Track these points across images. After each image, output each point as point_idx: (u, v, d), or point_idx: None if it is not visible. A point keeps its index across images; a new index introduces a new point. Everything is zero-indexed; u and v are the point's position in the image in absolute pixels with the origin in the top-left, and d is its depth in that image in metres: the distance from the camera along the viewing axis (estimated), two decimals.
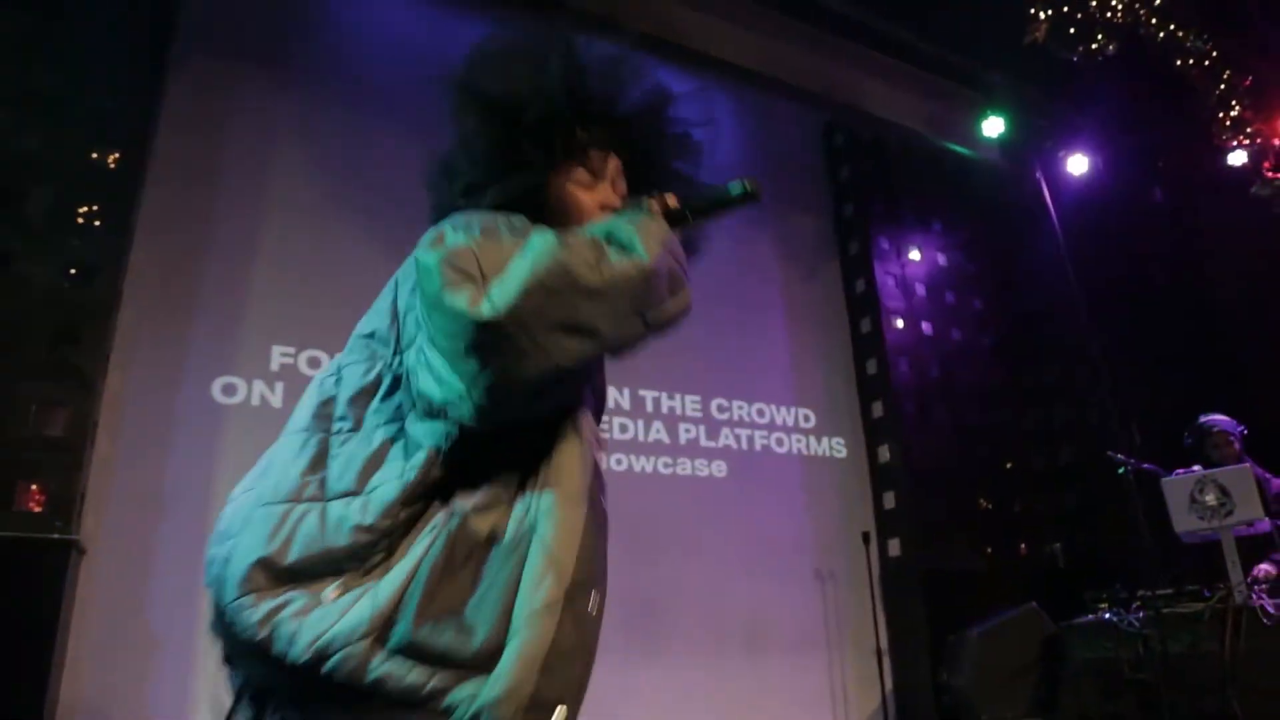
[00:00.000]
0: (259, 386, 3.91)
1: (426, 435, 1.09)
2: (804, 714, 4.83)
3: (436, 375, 1.04)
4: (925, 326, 5.75)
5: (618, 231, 1.12)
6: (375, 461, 1.09)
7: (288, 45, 4.42)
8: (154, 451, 3.62)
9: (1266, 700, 3.43)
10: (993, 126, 5.80)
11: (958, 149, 6.19)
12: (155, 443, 3.63)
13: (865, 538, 4.98)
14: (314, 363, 4.00)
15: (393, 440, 1.11)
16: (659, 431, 4.89)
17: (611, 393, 4.79)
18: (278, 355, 3.98)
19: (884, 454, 5.48)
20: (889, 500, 5.38)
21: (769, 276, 5.59)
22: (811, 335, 5.64)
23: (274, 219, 4.11)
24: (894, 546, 5.28)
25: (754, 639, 4.78)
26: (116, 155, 3.67)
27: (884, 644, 4.93)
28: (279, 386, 3.94)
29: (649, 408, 4.90)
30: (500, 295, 1.00)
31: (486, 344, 1.00)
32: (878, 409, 5.53)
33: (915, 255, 5.90)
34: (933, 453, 5.46)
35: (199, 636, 3.37)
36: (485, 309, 0.99)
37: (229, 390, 3.84)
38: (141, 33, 3.84)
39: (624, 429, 4.77)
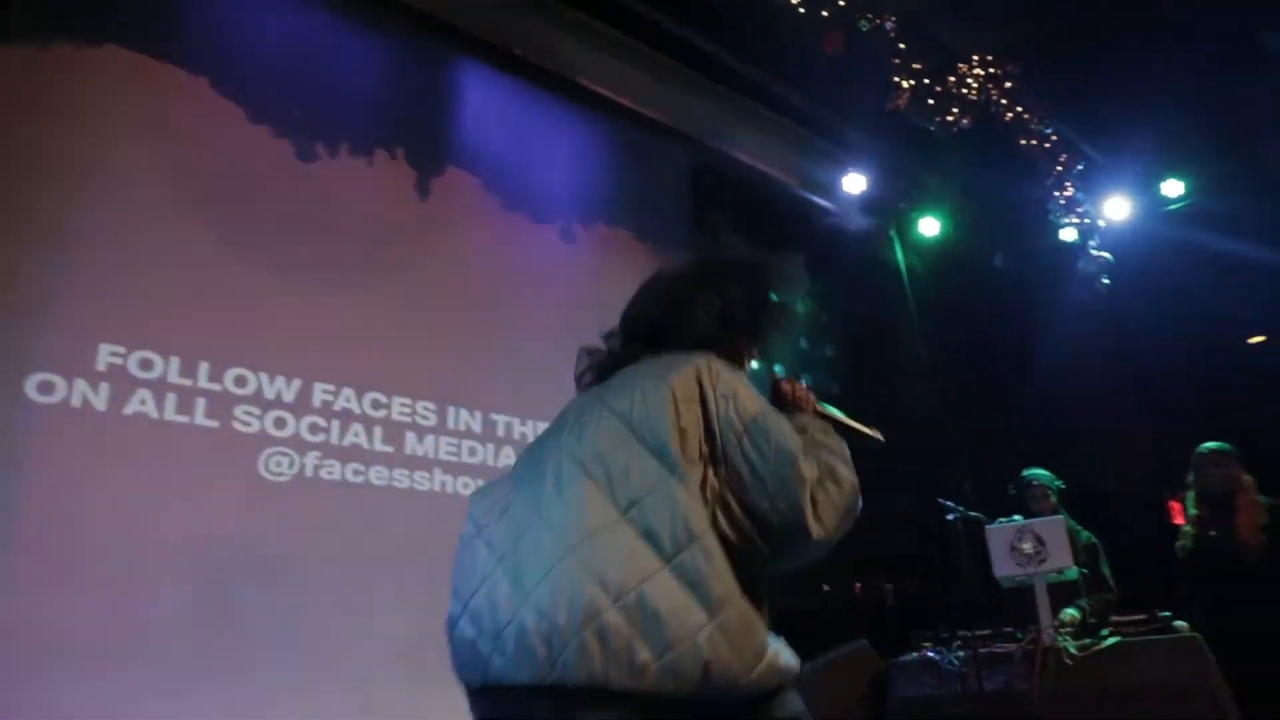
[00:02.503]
0: (81, 386, 3.66)
1: None
2: None
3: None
4: (777, 369, 5.91)
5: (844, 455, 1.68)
6: None
7: (135, 27, 4.14)
8: None
9: None
10: (853, 183, 6.08)
11: (822, 202, 6.43)
12: None
13: None
14: (145, 364, 3.79)
15: None
16: (509, 457, 4.83)
17: (463, 415, 4.72)
18: (105, 354, 3.75)
19: None
20: None
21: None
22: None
23: (106, 209, 3.85)
24: None
25: None
26: None
27: None
28: (104, 388, 3.70)
29: (500, 432, 4.85)
30: (829, 522, 1.53)
31: (807, 545, 1.52)
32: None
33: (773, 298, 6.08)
34: None
35: None
36: (816, 530, 1.50)
37: (45, 388, 3.58)
38: None
39: (473, 453, 4.71)
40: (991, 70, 5.76)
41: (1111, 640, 3.90)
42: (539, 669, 1.40)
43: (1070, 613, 4.29)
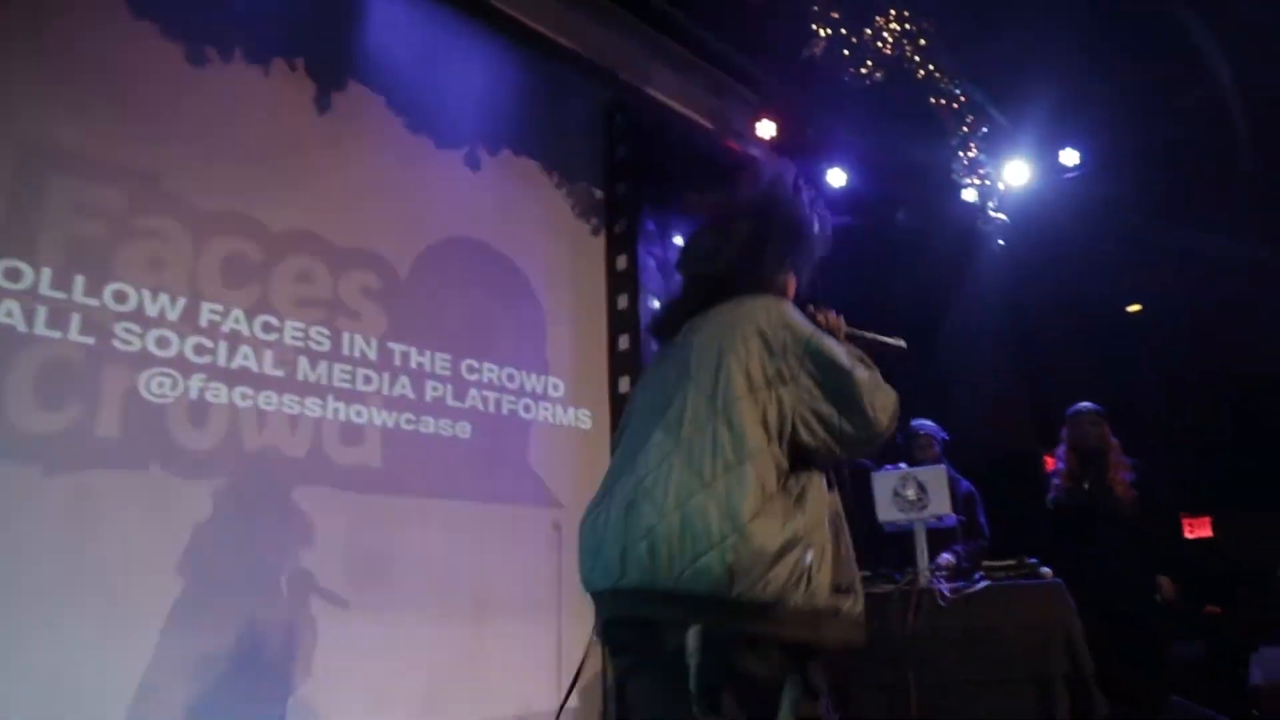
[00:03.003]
0: None
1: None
2: (529, 676, 4.87)
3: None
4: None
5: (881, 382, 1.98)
6: None
7: None
8: None
9: (934, 670, 3.85)
10: (765, 129, 6.07)
11: (733, 146, 6.41)
12: None
13: None
14: (13, 274, 3.54)
15: None
16: (405, 387, 4.74)
17: (358, 343, 4.60)
18: None
19: None
20: None
21: (533, 244, 5.55)
22: (569, 306, 5.67)
23: None
24: None
25: (483, 601, 4.76)
26: None
27: None
28: None
29: (397, 361, 4.75)
30: (885, 423, 1.92)
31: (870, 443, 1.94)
32: (625, 384, 5.65)
33: (679, 240, 6.08)
34: None
35: None
36: (877, 430, 1.91)
37: None
38: None
39: (368, 381, 4.59)
40: (907, 26, 5.78)
41: (982, 584, 4.09)
42: (613, 576, 1.83)
43: (946, 557, 4.48)
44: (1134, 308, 8.42)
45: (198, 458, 3.89)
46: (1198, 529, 8.35)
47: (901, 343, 2.38)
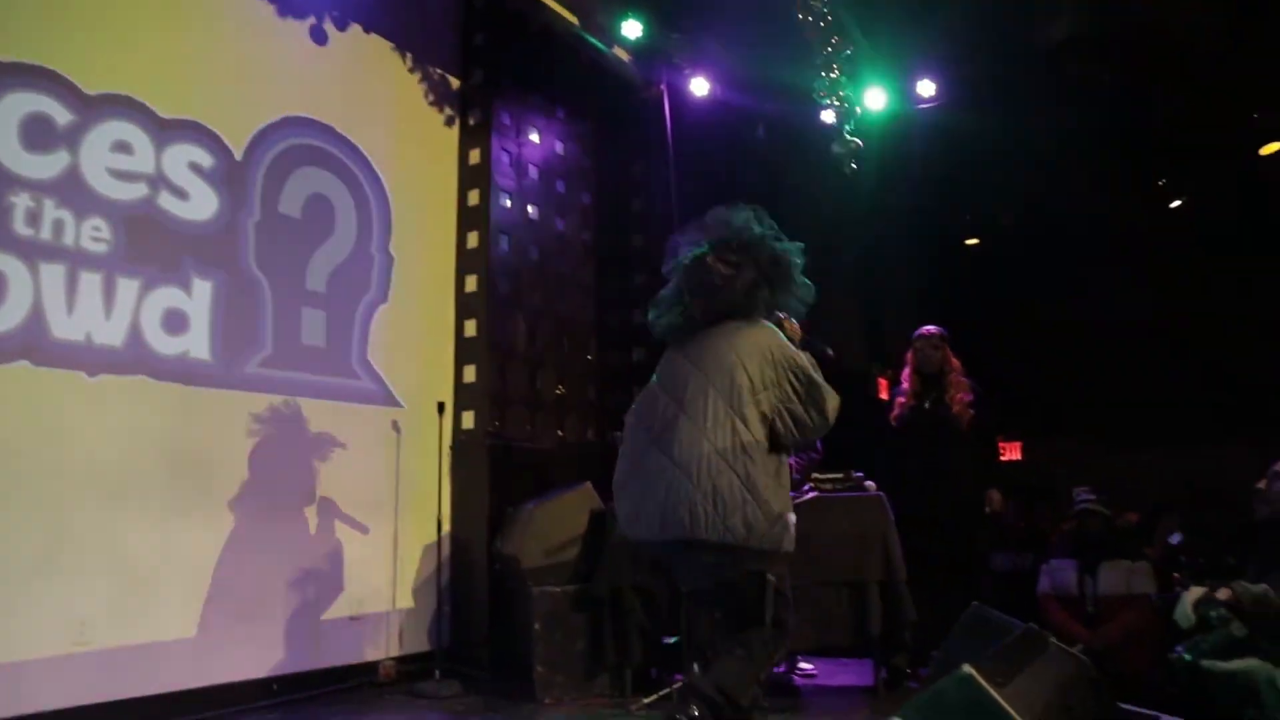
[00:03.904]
0: None
1: None
2: (362, 574, 4.80)
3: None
4: (531, 210, 5.79)
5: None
6: None
7: None
8: None
9: None
10: (631, 29, 5.90)
11: (596, 43, 6.22)
12: None
13: (440, 408, 4.99)
14: None
15: None
16: (237, 274, 4.45)
17: (187, 224, 4.26)
18: None
19: (470, 328, 5.48)
20: (469, 374, 5.42)
21: (381, 130, 5.26)
22: (417, 199, 5.43)
23: None
24: (468, 419, 5.35)
25: (316, 499, 4.62)
26: None
27: (446, 511, 5.02)
28: None
29: (229, 246, 4.43)
30: (831, 419, 2.77)
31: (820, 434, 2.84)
32: (471, 283, 5.51)
33: (535, 137, 5.90)
34: (519, 334, 5.57)
35: None
36: (826, 426, 2.78)
37: None
38: None
39: (198, 266, 4.28)
40: None
41: (810, 495, 4.26)
42: (653, 532, 2.70)
43: None
44: (972, 241, 8.83)
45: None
46: (1010, 452, 9.00)
47: (832, 353, 3.07)
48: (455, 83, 5.73)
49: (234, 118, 4.49)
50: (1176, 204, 7.60)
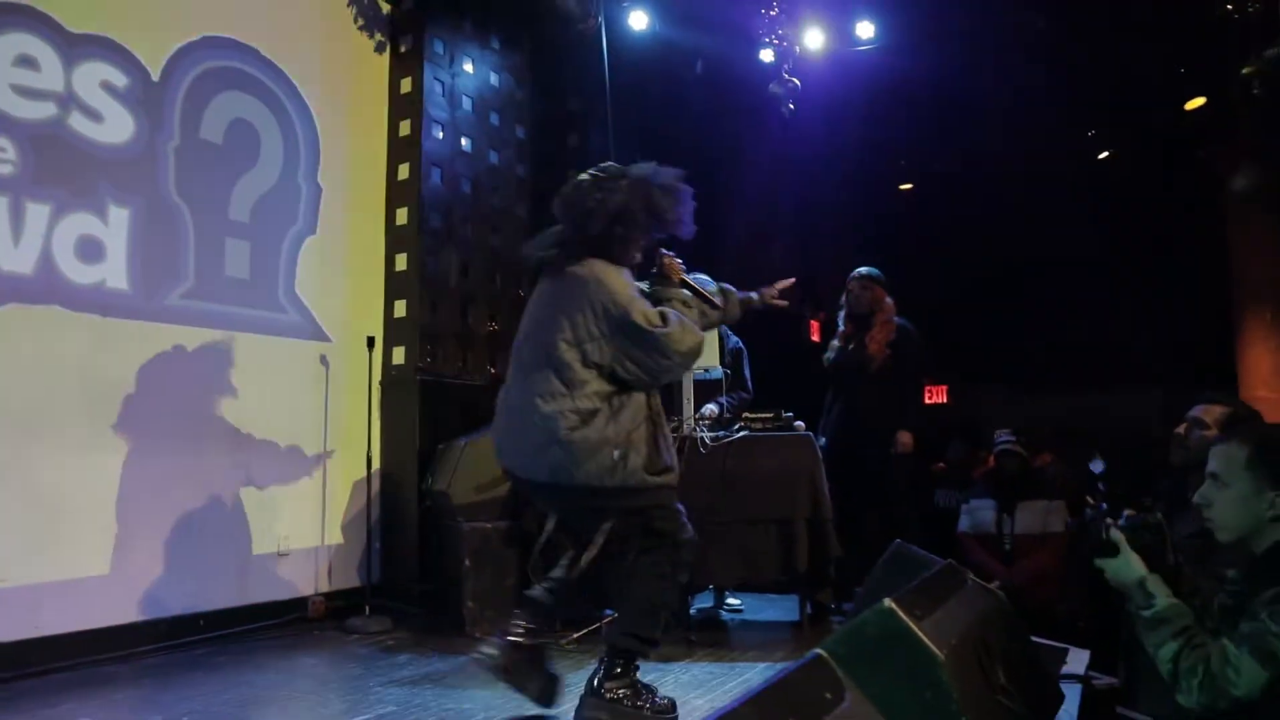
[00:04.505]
0: None
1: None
2: (290, 510, 4.74)
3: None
4: (464, 142, 5.65)
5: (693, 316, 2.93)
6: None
7: None
8: None
9: (690, 510, 3.95)
10: None
11: None
12: None
13: (370, 343, 4.91)
14: None
15: None
16: (155, 200, 4.28)
17: (100, 148, 4.07)
18: None
19: (400, 262, 5.37)
20: (399, 309, 5.32)
21: (308, 54, 5.05)
22: (346, 127, 5.26)
23: None
24: (398, 355, 5.27)
25: (242, 434, 4.52)
26: None
27: (376, 448, 4.97)
28: None
29: (145, 170, 4.25)
30: (681, 360, 2.85)
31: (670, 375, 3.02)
32: (402, 215, 5.38)
33: (469, 67, 5.73)
34: (451, 269, 5.47)
35: None
36: (672, 366, 2.86)
37: None
38: None
39: (114, 192, 4.10)
40: None
41: (741, 434, 4.30)
42: (505, 459, 2.95)
43: (710, 408, 4.67)
44: (906, 186, 8.89)
45: None
46: (936, 395, 9.21)
47: (719, 302, 3.06)
48: (386, 7, 5.53)
49: (149, 35, 4.27)
50: (1104, 155, 7.74)
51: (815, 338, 8.48)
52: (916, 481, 5.33)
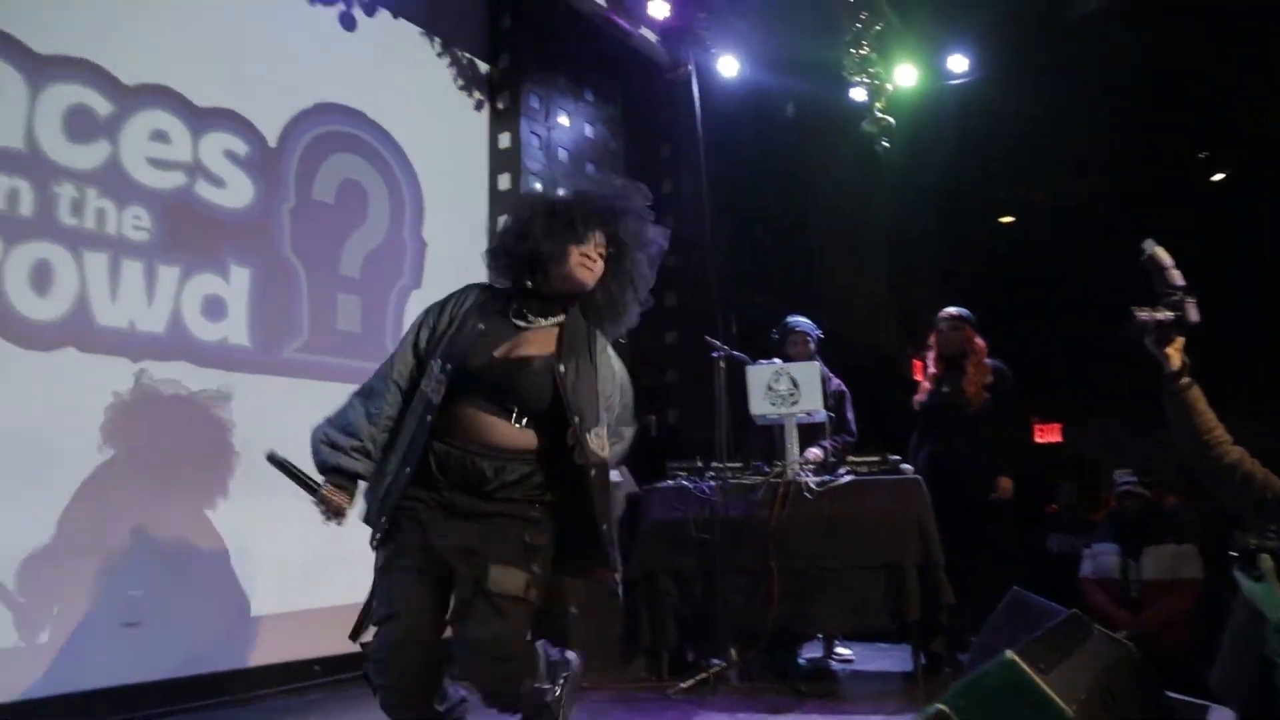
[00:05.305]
0: None
1: None
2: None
3: None
4: (563, 194, 5.77)
5: None
6: None
7: None
8: None
9: (797, 557, 4.05)
10: (658, 9, 5.86)
11: (623, 24, 6.18)
12: None
13: None
14: None
15: None
16: (274, 261, 4.48)
17: (222, 212, 4.30)
18: None
19: None
20: None
21: (411, 116, 5.24)
22: (448, 184, 5.43)
23: None
24: None
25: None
26: None
27: None
28: None
29: (266, 233, 4.46)
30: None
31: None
32: None
33: (564, 120, 5.88)
34: None
35: None
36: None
37: None
38: None
39: (234, 253, 4.31)
40: None
41: (847, 478, 4.23)
42: None
43: (814, 452, 4.61)
44: (1007, 219, 8.72)
45: (41, 328, 3.59)
46: (1048, 434, 8.91)
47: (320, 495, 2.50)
48: (483, 67, 5.72)
49: (267, 106, 4.51)
50: (1219, 177, 7.45)
51: (918, 377, 8.33)
52: (1022, 526, 5.15)
